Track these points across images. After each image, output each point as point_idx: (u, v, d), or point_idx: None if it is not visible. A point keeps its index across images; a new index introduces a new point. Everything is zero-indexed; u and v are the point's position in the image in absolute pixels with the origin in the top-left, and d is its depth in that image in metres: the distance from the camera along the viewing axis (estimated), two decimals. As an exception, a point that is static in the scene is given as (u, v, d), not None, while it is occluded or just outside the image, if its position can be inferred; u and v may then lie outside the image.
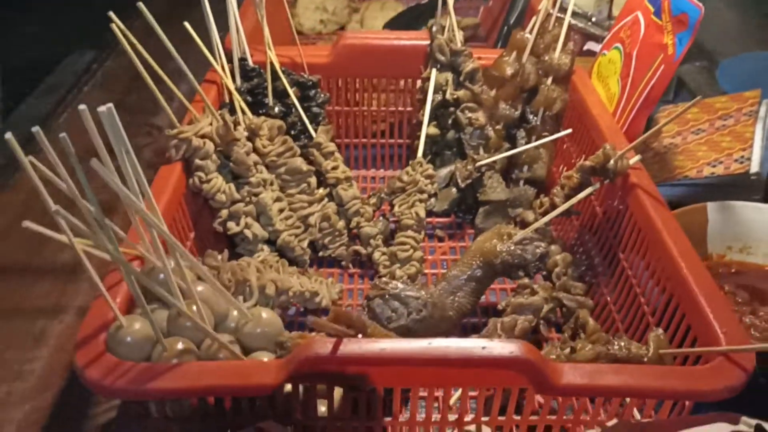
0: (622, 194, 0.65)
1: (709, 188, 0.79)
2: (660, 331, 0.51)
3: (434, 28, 0.82)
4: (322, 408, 0.48)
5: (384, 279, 0.65)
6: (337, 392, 0.48)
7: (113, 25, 0.59)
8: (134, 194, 0.40)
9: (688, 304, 0.51)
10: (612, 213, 0.67)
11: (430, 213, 0.82)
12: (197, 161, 0.64)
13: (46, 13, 1.06)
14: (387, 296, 0.63)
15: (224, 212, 0.66)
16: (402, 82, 0.88)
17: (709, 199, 0.73)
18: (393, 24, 1.19)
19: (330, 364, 0.43)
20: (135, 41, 0.61)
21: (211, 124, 0.68)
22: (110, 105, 0.37)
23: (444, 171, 0.80)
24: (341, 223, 0.74)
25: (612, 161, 0.64)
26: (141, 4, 0.62)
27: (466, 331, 0.67)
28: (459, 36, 0.81)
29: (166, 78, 0.64)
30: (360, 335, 0.46)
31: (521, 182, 0.82)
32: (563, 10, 1.00)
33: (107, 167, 0.38)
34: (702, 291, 0.50)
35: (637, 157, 0.65)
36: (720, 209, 0.71)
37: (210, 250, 0.59)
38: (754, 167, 0.78)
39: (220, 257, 0.59)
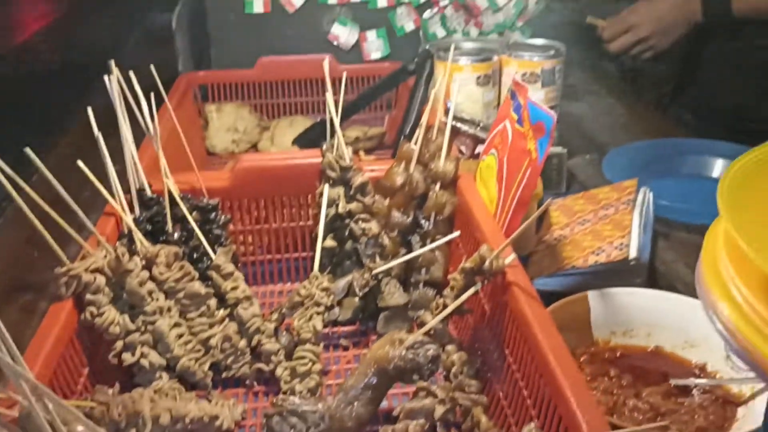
0: (502, 292, 0.69)
1: (594, 276, 0.84)
2: (532, 425, 0.53)
3: (324, 147, 0.87)
4: None
5: (281, 396, 0.66)
6: None
7: (-2, 174, 0.61)
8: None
9: (558, 396, 0.54)
10: (497, 310, 0.71)
11: (335, 323, 0.84)
12: (88, 296, 0.66)
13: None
14: (285, 413, 0.64)
15: (119, 344, 0.67)
16: (302, 198, 0.92)
17: (595, 287, 0.78)
18: (301, 139, 1.24)
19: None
20: (24, 185, 0.64)
21: (105, 256, 0.70)
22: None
23: (343, 281, 0.82)
24: (243, 342, 0.75)
25: (488, 262, 0.67)
26: (28, 150, 0.65)
27: (368, 440, 0.68)
28: (347, 153, 0.86)
29: (55, 216, 0.66)
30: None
31: (421, 285, 0.85)
32: (454, 118, 1.08)
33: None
34: (568, 381, 0.53)
35: (512, 256, 0.69)
36: (600, 297, 0.75)
37: (99, 385, 0.59)
38: (632, 253, 0.83)
39: (111, 392, 0.60)
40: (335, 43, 1.38)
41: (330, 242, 0.85)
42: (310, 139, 1.20)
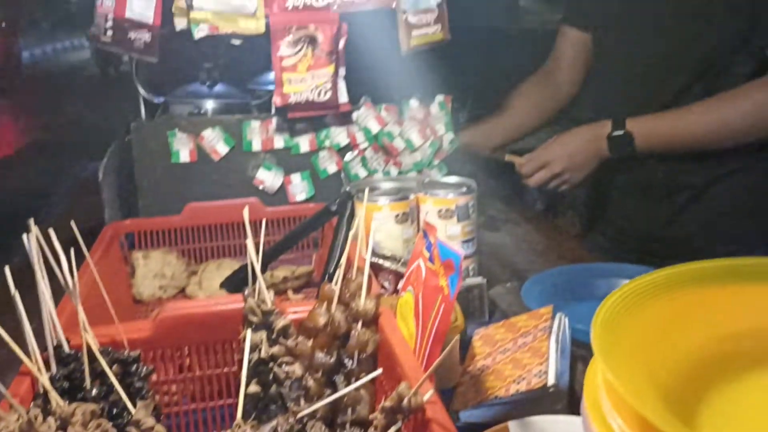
0: (422, 428, 0.69)
1: (516, 405, 0.86)
2: None
3: (246, 292, 0.89)
4: None
5: None
6: None
7: None
8: None
9: None
10: (420, 447, 0.71)
11: (261, 471, 0.82)
12: (-3, 464, 0.63)
13: None
14: None
15: None
16: (227, 343, 0.92)
17: (518, 416, 0.80)
18: (228, 282, 1.25)
19: None
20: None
21: (18, 420, 0.68)
22: None
23: (267, 427, 0.81)
24: (163, 501, 0.73)
25: (406, 400, 0.69)
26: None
27: None
28: (269, 297, 0.87)
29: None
30: None
31: (347, 425, 0.85)
32: (376, 255, 1.12)
33: None
34: None
35: (430, 392, 0.71)
36: (521, 426, 0.77)
37: None
38: (551, 380, 0.86)
39: None
40: (261, 187, 1.43)
41: (254, 387, 0.84)
42: (237, 282, 1.22)
